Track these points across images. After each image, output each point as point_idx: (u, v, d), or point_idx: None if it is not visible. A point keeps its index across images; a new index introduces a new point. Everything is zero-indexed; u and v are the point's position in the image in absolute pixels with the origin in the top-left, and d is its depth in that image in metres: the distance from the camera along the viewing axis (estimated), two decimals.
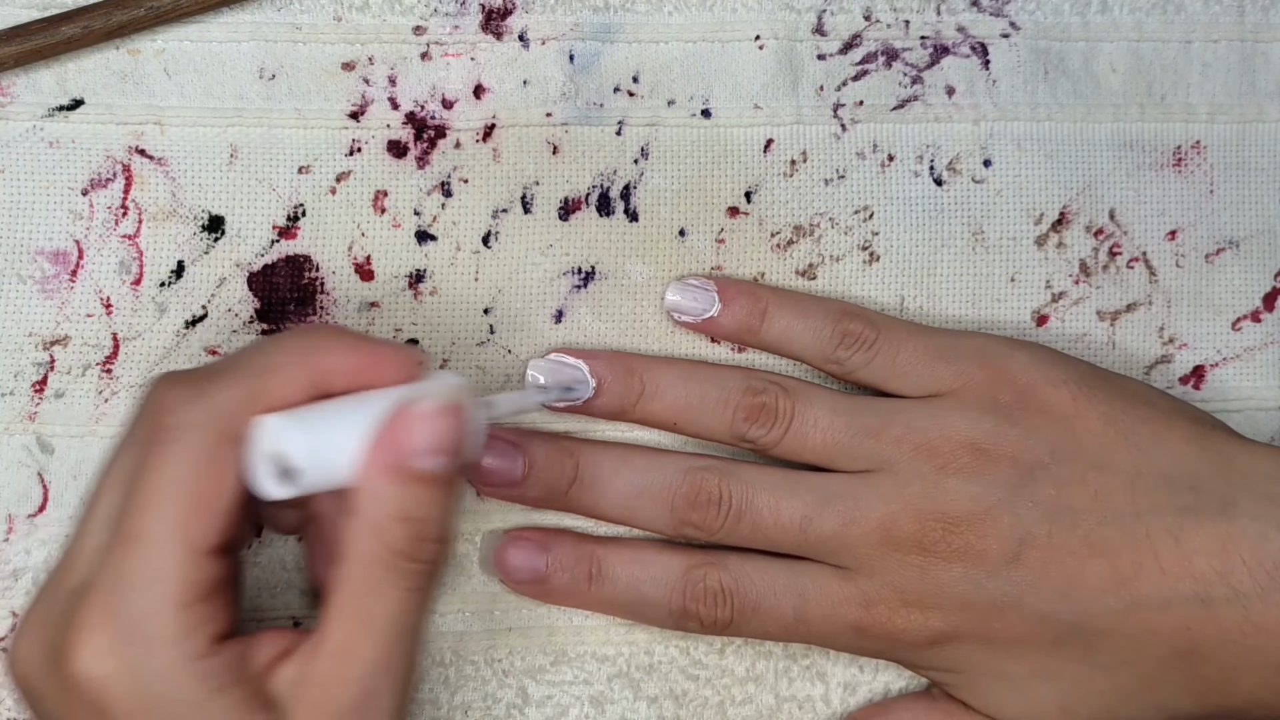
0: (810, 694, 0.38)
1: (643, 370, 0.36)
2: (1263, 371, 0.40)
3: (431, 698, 0.37)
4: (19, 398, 0.36)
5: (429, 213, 0.38)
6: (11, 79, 0.37)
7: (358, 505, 0.29)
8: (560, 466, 0.36)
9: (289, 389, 0.30)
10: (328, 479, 0.29)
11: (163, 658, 0.28)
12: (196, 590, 0.29)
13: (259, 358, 0.30)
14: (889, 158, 0.39)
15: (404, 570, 0.29)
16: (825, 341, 0.36)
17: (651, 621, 0.37)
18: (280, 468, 0.29)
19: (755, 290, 0.37)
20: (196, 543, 0.29)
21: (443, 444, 0.29)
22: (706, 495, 0.35)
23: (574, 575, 0.36)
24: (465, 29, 0.38)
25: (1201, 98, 0.40)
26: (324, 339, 0.31)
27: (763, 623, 0.35)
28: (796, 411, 0.36)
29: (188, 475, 0.29)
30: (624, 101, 0.38)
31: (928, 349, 0.36)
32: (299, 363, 0.30)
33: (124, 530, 0.29)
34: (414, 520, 0.29)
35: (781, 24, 0.39)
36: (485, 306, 0.38)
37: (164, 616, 0.28)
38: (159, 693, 0.28)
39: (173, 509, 0.28)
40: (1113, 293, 0.39)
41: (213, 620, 0.29)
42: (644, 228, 0.38)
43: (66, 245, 0.37)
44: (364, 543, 0.29)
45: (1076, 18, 0.39)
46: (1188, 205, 0.40)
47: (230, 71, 0.37)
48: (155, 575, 0.28)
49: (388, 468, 0.29)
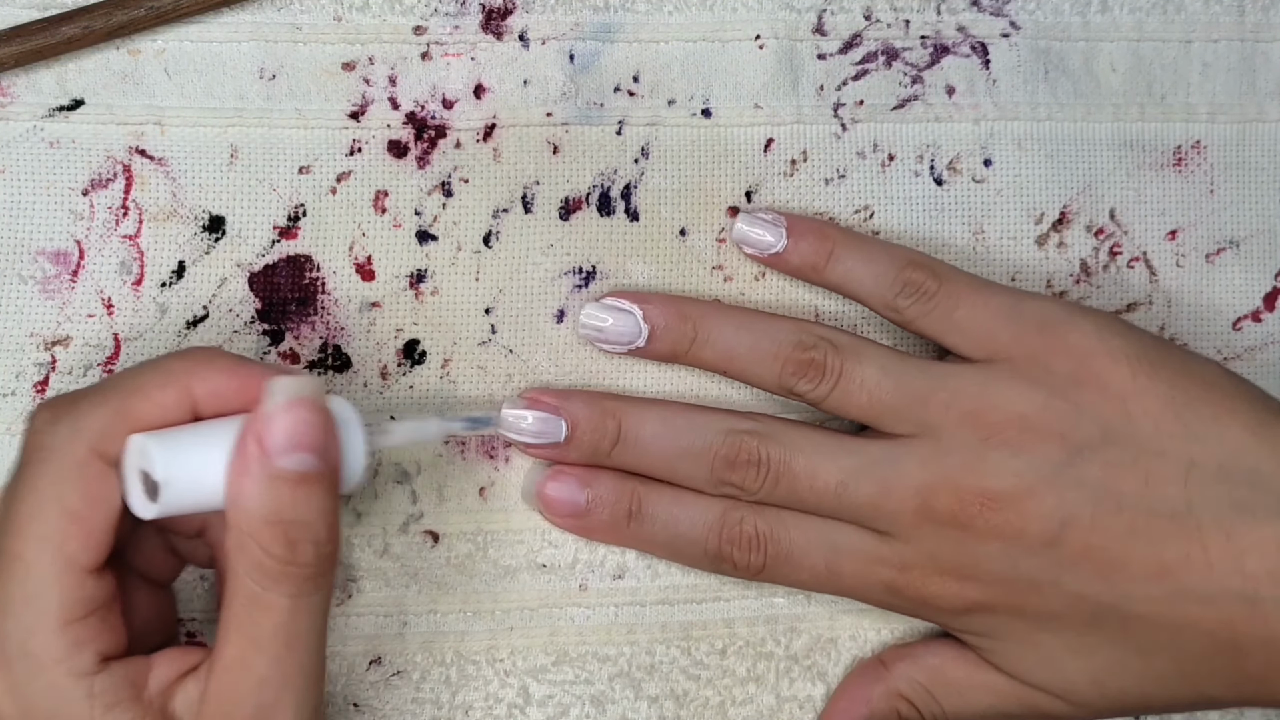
0: (811, 694, 0.38)
1: (697, 316, 0.36)
2: (1263, 371, 0.40)
3: (433, 697, 0.37)
4: (20, 398, 0.36)
5: (430, 213, 0.38)
6: (11, 79, 0.37)
7: (229, 517, 0.29)
8: (603, 429, 0.36)
9: (158, 410, 0.29)
10: (197, 498, 0.29)
11: (47, 677, 0.28)
12: (78, 608, 0.28)
13: (129, 379, 0.30)
14: (889, 157, 0.39)
15: (283, 576, 0.28)
16: (886, 288, 0.36)
17: (688, 561, 0.37)
18: (147, 486, 0.29)
19: (824, 229, 0.37)
20: (75, 559, 0.28)
21: (299, 439, 0.28)
22: (746, 457, 0.35)
23: (614, 512, 0.36)
24: (465, 29, 0.38)
25: (1201, 97, 0.40)
26: (198, 361, 0.30)
27: (794, 571, 0.35)
28: (845, 369, 0.35)
29: (57, 494, 0.29)
30: (624, 101, 0.38)
31: (988, 306, 0.35)
32: (169, 383, 0.30)
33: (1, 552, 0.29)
34: (285, 523, 0.28)
35: (782, 23, 0.39)
36: (486, 306, 0.38)
37: (45, 636, 0.28)
38: (46, 712, 0.28)
39: (46, 528, 0.28)
40: (1113, 292, 0.39)
41: (99, 638, 0.29)
42: (644, 227, 0.38)
43: (67, 245, 0.37)
44: (240, 553, 0.29)
45: (1076, 17, 0.39)
46: (1188, 205, 0.40)
47: (230, 71, 0.37)
48: (33, 594, 0.28)
49: (247, 471, 0.28)
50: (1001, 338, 0.35)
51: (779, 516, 0.35)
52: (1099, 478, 0.33)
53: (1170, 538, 0.33)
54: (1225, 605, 0.32)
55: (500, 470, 0.37)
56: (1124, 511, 0.33)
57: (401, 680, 0.37)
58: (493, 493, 0.37)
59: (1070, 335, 0.34)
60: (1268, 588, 0.32)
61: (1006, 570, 0.34)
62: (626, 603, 0.38)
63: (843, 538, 0.35)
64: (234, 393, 0.30)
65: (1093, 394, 0.34)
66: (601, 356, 0.38)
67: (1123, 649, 0.34)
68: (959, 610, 0.35)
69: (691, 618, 0.38)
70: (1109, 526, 0.33)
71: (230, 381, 0.30)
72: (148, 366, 0.30)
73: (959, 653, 0.36)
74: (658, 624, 0.38)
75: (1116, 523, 0.33)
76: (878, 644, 0.38)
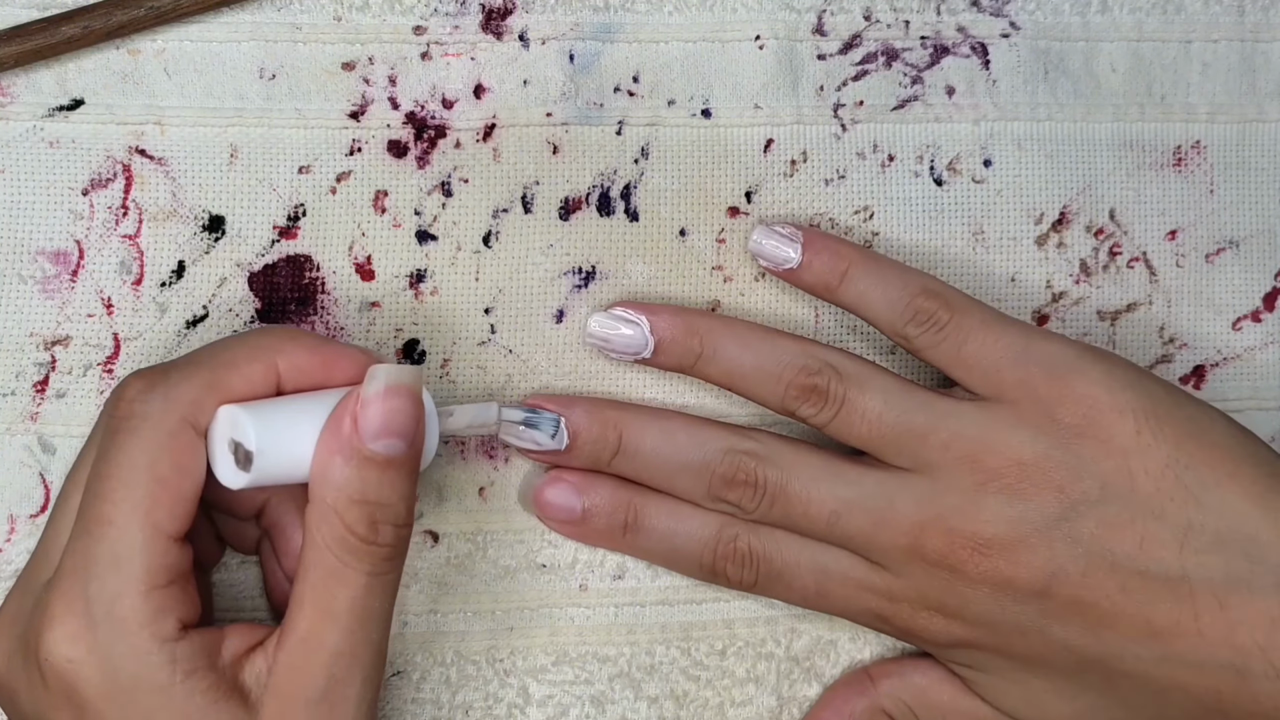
0: (810, 695, 0.38)
1: (704, 331, 0.36)
2: (1263, 371, 0.40)
3: (433, 697, 0.37)
4: (20, 398, 0.36)
5: (429, 212, 0.38)
6: (11, 79, 0.37)
7: (314, 491, 0.30)
8: (604, 440, 0.36)
9: (247, 383, 0.30)
10: (285, 470, 0.30)
11: (131, 640, 0.29)
12: (163, 574, 0.29)
13: (219, 352, 0.31)
14: (889, 158, 0.39)
15: (363, 554, 0.29)
16: (898, 315, 0.35)
17: (683, 571, 0.37)
18: (238, 456, 0.29)
19: (840, 247, 0.36)
20: (161, 526, 0.29)
21: (392, 425, 0.29)
22: (743, 478, 0.35)
23: (610, 522, 0.36)
24: (465, 29, 0.38)
25: (1201, 98, 0.40)
26: (282, 338, 0.31)
27: (785, 589, 0.36)
28: (848, 398, 0.35)
29: (149, 461, 0.29)
30: (624, 101, 0.38)
31: (998, 344, 0.34)
32: (257, 358, 0.31)
33: (89, 516, 0.29)
34: (370, 503, 0.29)
35: (781, 24, 0.39)
36: (486, 306, 0.38)
37: (131, 599, 0.29)
38: (129, 675, 0.29)
39: (136, 494, 0.29)
40: (1113, 293, 0.39)
41: (180, 606, 0.29)
42: (644, 227, 0.38)
43: (67, 245, 0.37)
44: (322, 527, 0.29)
45: (1076, 18, 0.39)
46: (1188, 205, 0.40)
47: (230, 71, 0.37)
48: (121, 558, 0.29)
49: (340, 450, 0.29)
50: (1008, 380, 0.34)
51: (773, 536, 0.36)
52: (1094, 534, 0.33)
53: (1162, 601, 0.32)
54: (1214, 674, 0.32)
55: (500, 470, 0.37)
56: (1117, 571, 0.32)
57: (401, 680, 0.37)
58: (492, 493, 0.37)
59: (1078, 384, 0.34)
60: (1258, 662, 0.31)
61: (994, 614, 0.34)
62: (626, 603, 0.38)
63: (834, 562, 0.35)
64: (317, 368, 0.31)
65: (1094, 448, 0.33)
66: (601, 359, 0.38)
67: (1107, 700, 0.34)
68: (945, 644, 0.35)
69: (691, 618, 0.38)
70: (1100, 584, 0.33)
71: (313, 358, 0.31)
72: (236, 340, 0.31)
73: (945, 676, 0.36)
74: (657, 624, 0.38)
75: (1108, 581, 0.32)
76: (878, 646, 0.38)
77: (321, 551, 0.29)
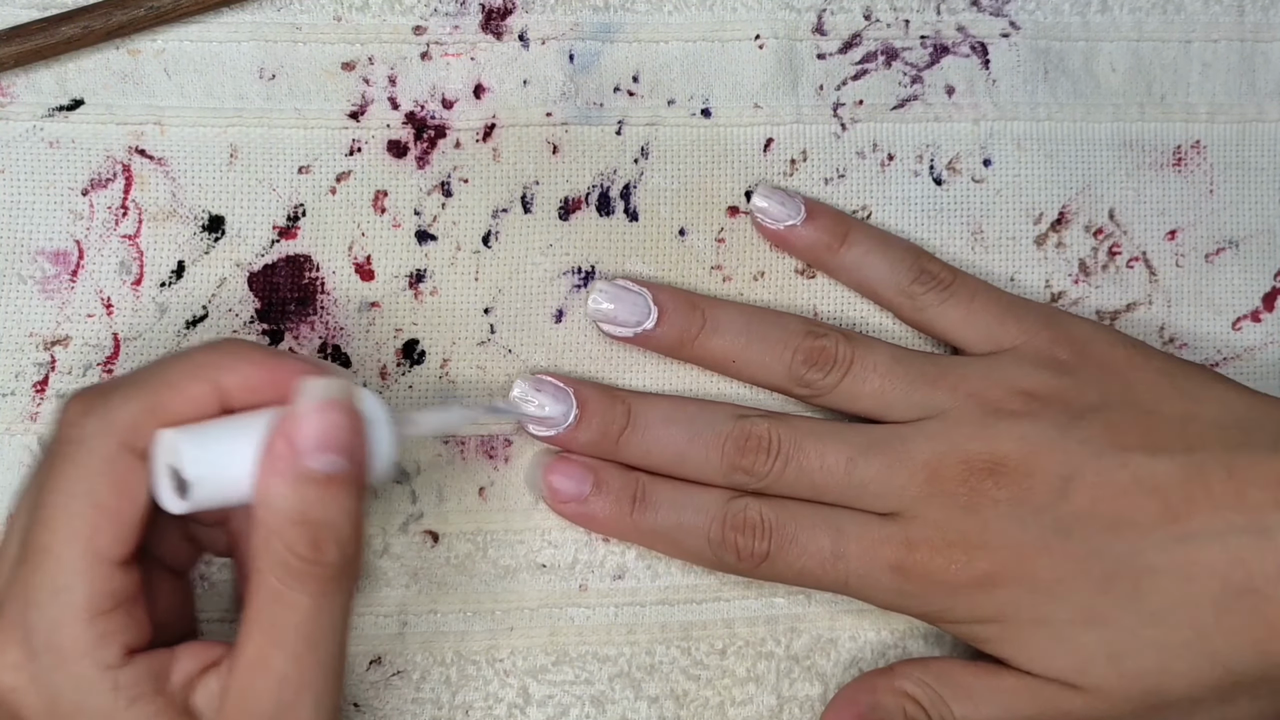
0: (810, 694, 0.38)
1: (705, 305, 0.37)
2: (1263, 371, 0.40)
3: (433, 697, 0.37)
4: (20, 398, 0.36)
5: (429, 212, 0.38)
6: (11, 79, 0.37)
7: (256, 514, 0.29)
8: (613, 412, 0.36)
9: (189, 404, 0.30)
10: (226, 494, 0.29)
11: (72, 669, 0.28)
12: (106, 600, 0.29)
13: (159, 372, 0.30)
14: (889, 157, 0.39)
15: (307, 576, 0.29)
16: (903, 274, 0.37)
17: (690, 554, 0.36)
18: (177, 482, 0.29)
19: (841, 214, 0.38)
20: (103, 552, 0.29)
21: (329, 440, 0.29)
22: (756, 440, 0.35)
23: (618, 499, 0.36)
24: (465, 29, 0.38)
25: (1201, 97, 0.40)
26: (226, 354, 0.30)
27: (799, 557, 0.35)
28: (856, 357, 0.36)
29: (87, 488, 0.29)
30: (624, 101, 0.38)
31: (999, 303, 0.37)
32: (199, 377, 0.30)
33: (29, 544, 0.29)
34: (311, 523, 0.28)
35: (781, 23, 0.39)
36: (486, 306, 0.38)
37: (72, 628, 0.28)
38: (71, 704, 0.28)
39: (75, 521, 0.28)
40: (1112, 292, 0.39)
41: (125, 631, 0.29)
42: (644, 227, 0.38)
43: (67, 245, 0.37)
44: (265, 550, 0.29)
45: (1076, 17, 0.40)
46: (1188, 205, 0.40)
47: (230, 71, 0.37)
48: (61, 587, 0.28)
49: (278, 470, 0.28)
50: (1011, 331, 0.36)
51: (784, 504, 0.36)
52: (1101, 435, 0.34)
53: (1174, 483, 0.33)
54: (1234, 541, 0.32)
55: (500, 470, 0.37)
56: (1128, 464, 0.34)
57: (401, 680, 0.37)
58: (492, 493, 0.37)
59: (1072, 328, 0.37)
60: (1273, 516, 0.32)
61: (1015, 533, 0.34)
62: (626, 603, 0.38)
63: (848, 521, 0.35)
64: (264, 385, 0.30)
65: (1092, 370, 0.36)
66: (602, 357, 0.38)
67: (1137, 614, 0.33)
68: (967, 584, 0.34)
69: (691, 618, 0.38)
70: (1113, 479, 0.34)
71: (260, 374, 0.30)
72: (178, 359, 0.30)
73: (968, 660, 0.36)
74: (658, 624, 0.38)
75: (1121, 475, 0.34)
76: (877, 644, 0.38)
77: (265, 576, 0.29)
